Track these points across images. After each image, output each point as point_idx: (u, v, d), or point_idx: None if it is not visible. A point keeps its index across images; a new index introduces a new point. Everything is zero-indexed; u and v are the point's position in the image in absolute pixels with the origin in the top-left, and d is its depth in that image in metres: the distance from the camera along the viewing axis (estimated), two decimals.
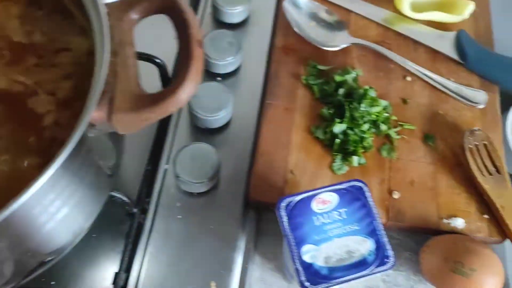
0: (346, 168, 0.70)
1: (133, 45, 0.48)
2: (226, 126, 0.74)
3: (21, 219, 0.43)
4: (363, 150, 0.71)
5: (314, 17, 0.85)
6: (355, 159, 0.70)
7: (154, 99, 0.45)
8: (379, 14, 0.88)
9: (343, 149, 0.71)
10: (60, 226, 0.49)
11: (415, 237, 0.69)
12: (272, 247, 0.67)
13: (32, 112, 0.49)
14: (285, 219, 0.54)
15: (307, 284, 0.51)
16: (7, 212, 0.38)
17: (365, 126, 0.72)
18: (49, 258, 0.54)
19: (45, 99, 0.50)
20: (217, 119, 0.72)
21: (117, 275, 0.62)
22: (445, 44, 0.84)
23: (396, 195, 0.69)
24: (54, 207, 0.46)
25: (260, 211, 0.70)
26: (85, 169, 0.48)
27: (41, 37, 0.53)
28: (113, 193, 0.64)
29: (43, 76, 0.51)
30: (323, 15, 0.85)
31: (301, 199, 0.55)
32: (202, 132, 0.73)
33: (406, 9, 0.86)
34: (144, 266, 0.63)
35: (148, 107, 0.45)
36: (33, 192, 0.39)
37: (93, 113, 0.42)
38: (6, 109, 0.49)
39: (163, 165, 0.70)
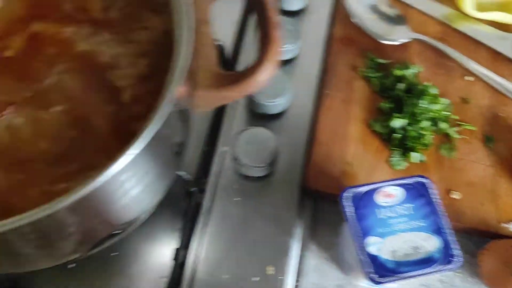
0: (405, 164, 0.69)
1: (210, 23, 0.49)
2: (282, 112, 0.74)
3: (101, 193, 0.44)
4: (422, 147, 0.70)
5: (374, 9, 0.84)
6: (415, 156, 0.69)
7: (235, 79, 0.46)
8: (439, 10, 0.87)
9: (402, 144, 0.70)
10: (132, 202, 0.50)
11: (473, 239, 0.68)
12: (327, 237, 0.68)
13: (111, 84, 0.50)
14: (350, 209, 0.55)
15: (373, 276, 0.51)
16: (95, 184, 0.39)
17: (425, 123, 0.71)
18: (117, 231, 0.55)
19: (123, 72, 0.51)
20: (274, 105, 0.72)
21: (177, 251, 0.63)
22: (507, 45, 0.83)
23: (454, 195, 0.68)
24: (130, 183, 0.47)
25: (316, 200, 0.70)
26: (161, 146, 0.49)
27: (117, 13, 0.54)
28: (178, 172, 0.65)
29: (119, 50, 0.52)
30: (384, 8, 0.84)
31: (367, 191, 0.55)
32: (259, 117, 0.74)
33: (468, 7, 0.85)
34: (203, 245, 0.64)
35: (229, 86, 0.46)
36: (119, 168, 0.40)
37: (179, 87, 0.43)
38: (86, 79, 0.51)
39: (220, 147, 0.71)
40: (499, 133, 0.74)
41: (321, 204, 0.70)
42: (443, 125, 0.72)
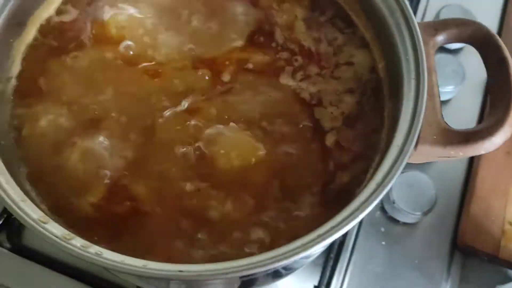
0: None
1: (436, 72, 0.45)
2: None
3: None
4: None
5: None
6: None
7: (465, 138, 0.42)
8: None
9: None
10: None
11: None
12: None
13: (318, 123, 0.48)
14: None
15: None
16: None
17: None
18: None
19: (330, 111, 0.48)
20: None
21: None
22: None
23: None
24: None
25: (467, 256, 0.66)
26: None
27: (326, 46, 0.51)
28: None
29: (324, 86, 0.50)
30: None
31: None
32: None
33: None
34: (343, 285, 0.61)
35: (457, 145, 0.42)
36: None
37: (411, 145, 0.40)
38: (293, 116, 0.48)
39: None
40: None
41: (472, 261, 0.66)
42: None
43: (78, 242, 0.36)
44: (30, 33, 0.49)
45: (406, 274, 0.63)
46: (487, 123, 0.42)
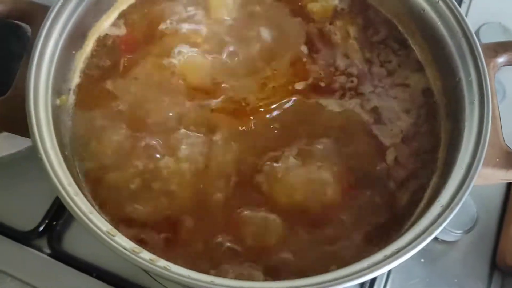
0: None
1: (496, 94, 0.45)
2: None
3: None
4: None
5: None
6: None
7: None
8: None
9: None
10: None
11: None
12: None
13: (377, 140, 0.48)
14: None
15: None
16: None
17: None
18: None
19: (389, 128, 0.48)
20: None
21: None
22: None
23: None
24: None
25: (506, 276, 0.65)
26: None
27: (378, 68, 0.51)
28: None
29: (381, 103, 0.50)
30: None
31: None
32: None
33: None
34: None
35: None
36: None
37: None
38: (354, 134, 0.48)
39: None
40: None
41: (511, 281, 0.65)
42: None
43: (146, 255, 0.36)
44: (90, 45, 0.50)
45: None
46: None
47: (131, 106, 0.48)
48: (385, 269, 0.35)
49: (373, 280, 0.63)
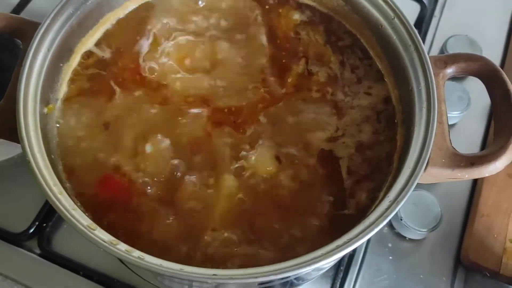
0: None
1: (445, 101, 0.50)
2: None
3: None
4: None
5: None
6: None
7: (471, 161, 0.46)
8: None
9: None
10: None
11: None
12: None
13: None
14: None
15: None
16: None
17: None
18: None
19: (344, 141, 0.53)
20: None
21: None
22: None
23: None
24: None
25: (469, 271, 0.69)
26: None
27: (349, 74, 0.56)
28: None
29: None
30: None
31: None
32: None
33: None
34: None
35: (464, 168, 0.46)
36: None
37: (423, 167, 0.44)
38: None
39: None
40: None
41: (475, 276, 0.70)
42: None
43: (123, 247, 0.40)
44: (76, 59, 0.54)
45: None
46: (491, 149, 0.46)
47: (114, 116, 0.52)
48: (336, 257, 0.39)
49: (344, 276, 0.67)
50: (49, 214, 0.69)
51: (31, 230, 0.67)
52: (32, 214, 0.68)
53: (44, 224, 0.68)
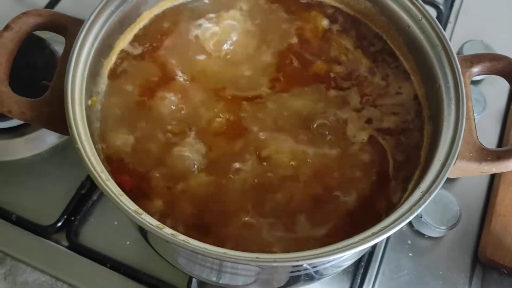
0: None
1: (471, 99, 0.52)
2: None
3: None
4: None
5: None
6: None
7: (498, 155, 0.49)
8: None
9: None
10: None
11: None
12: None
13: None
14: None
15: None
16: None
17: None
18: None
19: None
20: None
21: None
22: None
23: None
24: None
25: (487, 268, 0.71)
26: None
27: (379, 79, 0.58)
28: None
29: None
30: None
31: None
32: None
33: None
34: None
35: (491, 162, 0.48)
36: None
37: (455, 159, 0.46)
38: None
39: None
40: None
41: (492, 273, 0.71)
42: None
43: (168, 231, 0.42)
44: (115, 55, 0.56)
45: (431, 284, 0.68)
46: None
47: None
48: (372, 243, 0.41)
49: (365, 272, 0.69)
50: (77, 208, 0.70)
51: (60, 223, 0.69)
52: (61, 207, 0.70)
53: (72, 218, 0.70)
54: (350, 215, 0.49)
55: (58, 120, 0.47)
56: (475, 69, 0.53)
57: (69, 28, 0.52)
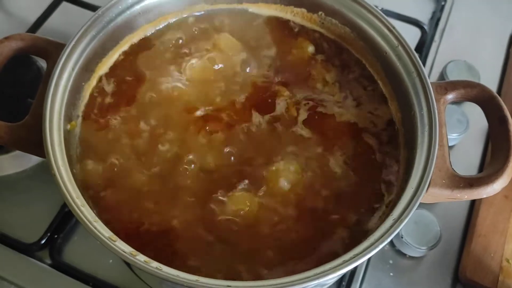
0: None
1: (445, 125, 0.53)
2: None
3: None
4: None
5: None
6: None
7: (470, 183, 0.49)
8: None
9: None
10: None
11: None
12: None
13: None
14: None
15: None
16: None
17: None
18: None
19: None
20: None
21: None
22: None
23: None
24: None
25: None
26: None
27: (351, 102, 0.59)
28: None
29: None
30: None
31: None
32: None
33: None
34: None
35: (463, 189, 0.49)
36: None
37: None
38: None
39: None
40: None
41: None
42: None
43: (141, 258, 0.43)
44: (96, 78, 0.57)
45: None
46: (489, 171, 0.49)
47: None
48: (343, 271, 0.42)
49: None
50: (60, 226, 0.71)
51: (43, 241, 0.69)
52: (44, 225, 0.70)
53: (56, 236, 0.70)
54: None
55: (37, 145, 0.48)
56: (450, 96, 0.54)
57: (51, 52, 0.53)
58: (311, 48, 0.61)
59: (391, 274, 0.71)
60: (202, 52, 0.61)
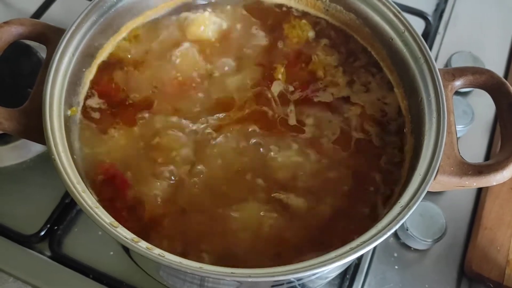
0: None
1: (453, 112, 0.52)
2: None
3: None
4: None
5: None
6: None
7: (479, 170, 0.48)
8: None
9: None
10: None
11: None
12: None
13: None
14: None
15: None
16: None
17: None
18: None
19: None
20: None
21: None
22: None
23: None
24: None
25: (473, 282, 0.71)
26: None
27: (359, 86, 0.58)
28: None
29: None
30: None
31: None
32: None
33: None
34: None
35: (472, 176, 0.48)
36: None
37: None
38: None
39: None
40: None
41: (478, 287, 0.71)
42: None
43: (143, 244, 0.41)
44: (96, 64, 0.56)
45: None
46: (498, 158, 0.48)
47: None
48: (350, 259, 0.41)
49: (350, 284, 0.68)
50: (60, 217, 0.70)
51: (43, 233, 0.68)
52: (44, 217, 0.69)
53: (56, 227, 0.69)
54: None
55: (36, 131, 0.47)
56: (458, 83, 0.53)
57: (51, 37, 0.52)
58: (311, 33, 0.60)
59: (396, 267, 0.70)
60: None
